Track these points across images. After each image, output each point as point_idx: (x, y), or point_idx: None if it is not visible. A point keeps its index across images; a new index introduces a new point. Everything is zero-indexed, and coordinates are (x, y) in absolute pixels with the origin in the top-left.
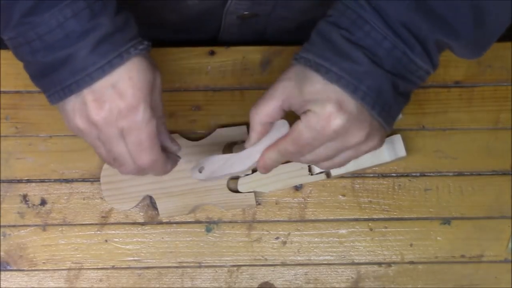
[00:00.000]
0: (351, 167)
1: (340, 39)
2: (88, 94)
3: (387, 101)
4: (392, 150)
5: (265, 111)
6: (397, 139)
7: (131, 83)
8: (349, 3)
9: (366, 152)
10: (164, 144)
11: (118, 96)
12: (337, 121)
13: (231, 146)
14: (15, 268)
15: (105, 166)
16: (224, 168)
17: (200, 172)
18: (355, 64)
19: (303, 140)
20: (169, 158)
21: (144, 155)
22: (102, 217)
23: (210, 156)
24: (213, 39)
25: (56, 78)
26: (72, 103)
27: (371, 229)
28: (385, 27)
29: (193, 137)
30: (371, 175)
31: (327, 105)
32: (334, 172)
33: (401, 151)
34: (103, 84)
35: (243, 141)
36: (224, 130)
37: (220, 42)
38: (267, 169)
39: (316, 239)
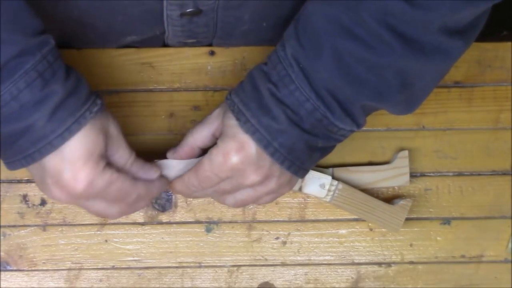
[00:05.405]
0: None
1: (267, 93)
2: (48, 177)
3: (299, 157)
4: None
5: (199, 136)
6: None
7: (79, 166)
8: (282, 57)
9: (267, 193)
10: (138, 176)
11: (73, 180)
12: (234, 159)
13: None
14: (15, 268)
15: None
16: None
17: None
18: (273, 121)
19: (203, 172)
20: (152, 183)
21: (109, 215)
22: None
23: (166, 161)
24: (162, 44)
25: (18, 148)
26: (40, 171)
27: (371, 229)
28: (308, 90)
29: None
30: None
31: (229, 142)
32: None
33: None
34: (58, 164)
35: None
36: None
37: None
38: (176, 193)
39: (316, 239)
